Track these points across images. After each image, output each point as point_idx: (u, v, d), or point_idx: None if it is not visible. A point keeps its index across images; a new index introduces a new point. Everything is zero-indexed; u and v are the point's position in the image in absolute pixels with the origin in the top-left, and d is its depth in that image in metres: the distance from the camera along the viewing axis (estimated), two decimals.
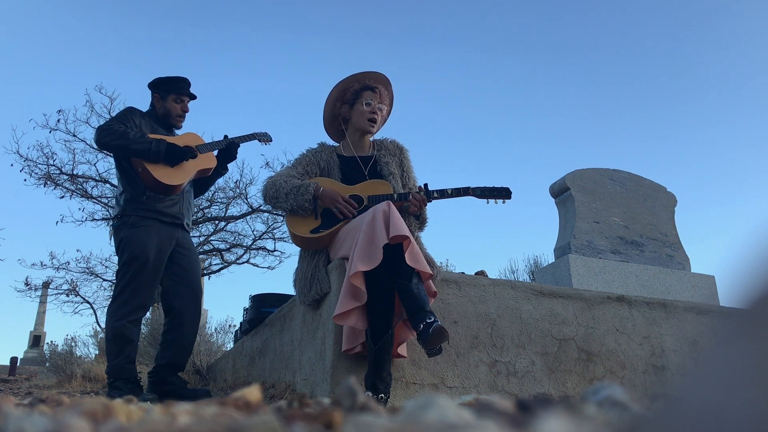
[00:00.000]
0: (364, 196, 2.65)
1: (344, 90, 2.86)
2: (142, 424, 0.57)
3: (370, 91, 2.83)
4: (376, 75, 2.87)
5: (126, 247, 3.14)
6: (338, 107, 2.89)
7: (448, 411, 0.53)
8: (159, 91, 3.44)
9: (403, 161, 2.89)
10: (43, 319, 19.39)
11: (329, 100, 2.89)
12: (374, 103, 2.82)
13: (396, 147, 2.92)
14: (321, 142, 2.93)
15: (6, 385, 7.43)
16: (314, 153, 2.85)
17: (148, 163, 3.11)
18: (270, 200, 2.68)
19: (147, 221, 3.18)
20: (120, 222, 3.20)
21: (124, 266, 3.13)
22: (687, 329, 3.19)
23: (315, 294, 2.58)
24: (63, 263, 12.00)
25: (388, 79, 2.89)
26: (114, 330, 3.04)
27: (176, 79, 3.46)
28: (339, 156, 2.84)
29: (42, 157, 11.21)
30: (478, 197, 2.71)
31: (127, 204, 3.20)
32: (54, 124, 11.17)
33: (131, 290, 3.10)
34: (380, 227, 2.23)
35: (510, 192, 2.73)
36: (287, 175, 2.72)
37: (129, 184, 3.23)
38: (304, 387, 2.64)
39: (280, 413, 0.63)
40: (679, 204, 5.37)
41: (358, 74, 2.86)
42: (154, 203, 3.21)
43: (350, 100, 2.86)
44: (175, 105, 3.42)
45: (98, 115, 11.34)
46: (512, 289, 2.89)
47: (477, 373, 2.62)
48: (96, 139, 3.18)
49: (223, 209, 12.52)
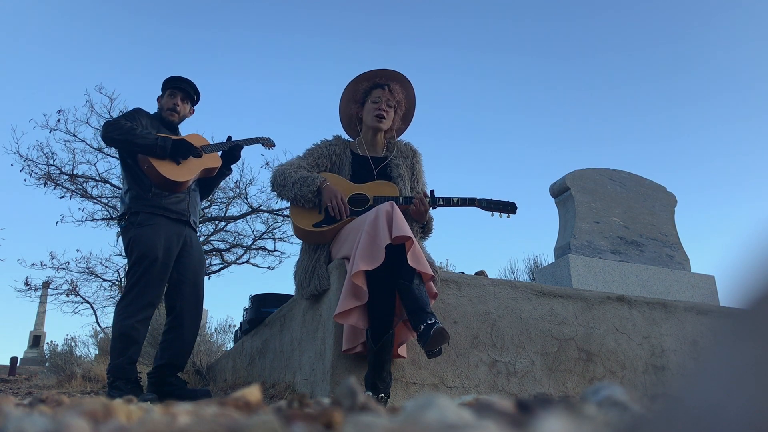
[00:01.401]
0: (370, 195, 2.65)
1: (355, 90, 2.87)
2: (142, 424, 0.57)
3: (380, 88, 2.82)
4: (386, 72, 2.86)
5: (135, 246, 3.15)
6: (351, 108, 2.90)
7: (448, 411, 0.53)
8: (162, 90, 3.51)
9: (415, 165, 2.89)
10: (43, 319, 19.39)
11: (342, 101, 2.90)
12: (382, 99, 2.81)
13: (409, 150, 2.92)
14: (337, 135, 2.93)
15: (6, 385, 7.43)
16: (328, 145, 2.84)
17: (154, 159, 3.13)
18: (277, 188, 2.69)
19: (155, 218, 3.19)
20: (127, 222, 3.21)
21: (134, 265, 3.14)
22: (687, 329, 3.19)
23: (314, 289, 2.59)
24: (63, 263, 12.00)
25: (400, 74, 2.86)
26: (121, 329, 3.04)
27: (175, 77, 3.52)
28: (353, 153, 2.84)
29: (42, 157, 11.21)
30: (484, 209, 2.71)
31: (134, 201, 3.21)
32: (54, 124, 11.17)
33: (140, 288, 3.10)
34: (383, 227, 2.23)
35: (515, 207, 2.73)
36: (297, 165, 2.73)
37: (135, 182, 3.24)
38: (304, 387, 2.64)
39: (280, 413, 0.63)
40: (679, 204, 5.38)
41: (368, 72, 2.86)
42: (161, 200, 3.22)
43: (361, 100, 2.86)
44: (169, 100, 3.46)
45: (98, 115, 11.34)
46: (512, 289, 2.89)
47: (477, 373, 2.62)
48: (103, 134, 3.20)
49: (223, 209, 12.52)
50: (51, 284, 12.62)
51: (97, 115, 11.36)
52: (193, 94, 3.55)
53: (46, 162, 11.23)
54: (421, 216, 2.64)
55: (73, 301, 12.61)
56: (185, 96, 3.50)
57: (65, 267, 12.00)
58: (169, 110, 3.45)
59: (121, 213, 3.28)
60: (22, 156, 11.17)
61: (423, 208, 2.61)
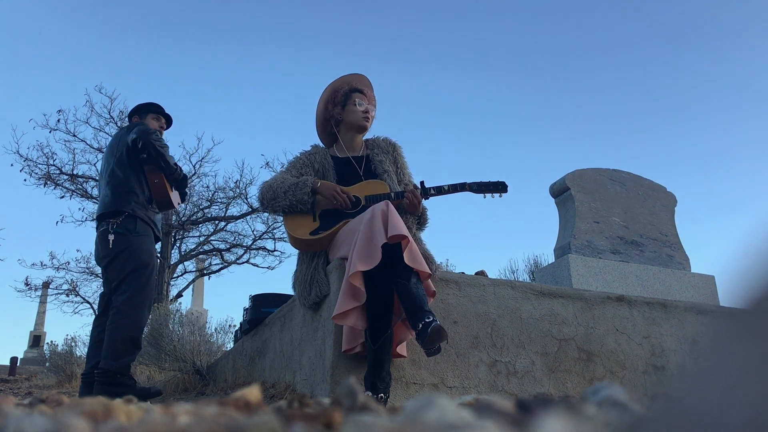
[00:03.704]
0: (361, 196, 2.65)
1: (334, 92, 2.90)
2: (142, 424, 0.57)
3: (360, 93, 2.89)
4: (360, 78, 2.94)
5: (136, 254, 3.32)
6: (330, 109, 2.91)
7: (448, 411, 0.53)
8: (136, 113, 3.80)
9: (397, 158, 2.90)
10: (43, 319, 19.39)
11: (321, 102, 2.93)
12: (365, 103, 2.87)
13: (388, 144, 2.93)
14: (314, 144, 2.95)
15: (6, 385, 7.43)
16: (308, 155, 2.86)
17: (167, 180, 3.45)
18: (268, 203, 2.67)
19: (148, 230, 3.43)
20: (124, 229, 3.33)
21: (138, 270, 3.31)
22: (687, 329, 3.19)
23: (315, 297, 2.59)
24: (63, 263, 12.02)
25: (370, 81, 2.97)
26: (132, 331, 3.22)
27: (156, 104, 3.85)
28: (333, 157, 2.85)
29: (42, 157, 11.22)
30: (475, 192, 2.72)
31: (137, 207, 3.38)
32: (54, 124, 11.18)
33: (146, 293, 3.32)
34: (379, 227, 2.23)
35: (506, 185, 2.75)
36: (282, 178, 2.74)
37: (139, 188, 3.43)
38: (304, 387, 2.64)
39: (280, 413, 0.63)
40: (679, 204, 5.38)
41: (345, 77, 2.93)
42: (154, 214, 3.51)
43: (341, 102, 2.88)
44: (154, 122, 3.75)
45: (98, 115, 11.35)
46: (512, 289, 2.89)
47: (477, 373, 2.62)
48: (146, 139, 3.39)
49: (223, 209, 12.52)
50: (51, 284, 12.64)
51: (97, 115, 11.38)
52: (171, 122, 3.87)
53: (46, 162, 11.24)
54: (414, 208, 2.64)
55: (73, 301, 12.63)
56: (167, 122, 3.82)
57: (65, 267, 12.02)
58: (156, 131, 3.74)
59: (117, 209, 3.36)
60: (22, 156, 11.18)
61: (416, 201, 2.62)
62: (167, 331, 5.37)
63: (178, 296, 12.55)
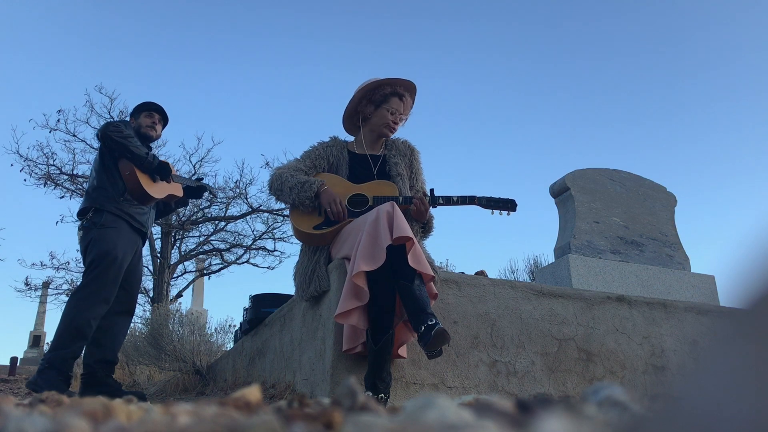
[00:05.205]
0: (369, 196, 2.65)
1: (374, 89, 2.82)
2: (142, 424, 0.57)
3: (398, 98, 2.82)
4: (407, 83, 2.85)
5: (96, 244, 3.28)
6: (363, 104, 2.85)
7: (448, 411, 0.53)
8: (132, 115, 3.80)
9: (413, 163, 2.88)
10: (43, 319, 19.39)
11: (357, 95, 2.84)
12: (398, 112, 2.81)
13: (407, 148, 2.91)
14: (333, 136, 2.92)
15: (6, 385, 7.43)
16: (325, 147, 2.84)
17: (138, 170, 3.37)
18: (274, 192, 2.70)
19: (119, 222, 3.37)
20: (90, 222, 3.34)
21: (94, 261, 3.26)
22: (687, 329, 3.19)
23: (314, 290, 2.59)
24: (63, 263, 12.01)
25: (416, 88, 2.88)
26: (75, 321, 3.13)
27: (149, 102, 3.83)
28: (350, 152, 2.84)
29: (42, 157, 11.23)
30: (483, 207, 2.71)
31: (103, 199, 3.36)
32: (54, 124, 11.19)
33: (99, 284, 3.22)
34: (384, 228, 2.23)
35: (515, 204, 2.74)
36: (294, 168, 2.72)
37: (110, 182, 3.41)
38: (304, 387, 2.64)
39: (280, 413, 0.63)
40: (679, 204, 5.37)
41: (392, 79, 2.83)
42: (129, 206, 3.44)
43: (377, 101, 2.82)
44: (147, 119, 3.73)
45: (98, 115, 11.36)
46: (512, 289, 2.89)
47: (477, 373, 2.62)
48: (102, 131, 3.38)
49: (223, 209, 12.52)
50: (51, 284, 12.62)
51: (97, 115, 11.38)
52: (167, 116, 3.84)
53: (46, 162, 11.24)
54: (421, 215, 2.64)
55: None
56: (161, 118, 3.79)
57: (65, 267, 12.01)
58: (148, 126, 3.71)
59: (85, 207, 3.40)
60: (22, 156, 11.18)
61: (423, 208, 2.61)
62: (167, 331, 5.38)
63: (178, 296, 12.55)
